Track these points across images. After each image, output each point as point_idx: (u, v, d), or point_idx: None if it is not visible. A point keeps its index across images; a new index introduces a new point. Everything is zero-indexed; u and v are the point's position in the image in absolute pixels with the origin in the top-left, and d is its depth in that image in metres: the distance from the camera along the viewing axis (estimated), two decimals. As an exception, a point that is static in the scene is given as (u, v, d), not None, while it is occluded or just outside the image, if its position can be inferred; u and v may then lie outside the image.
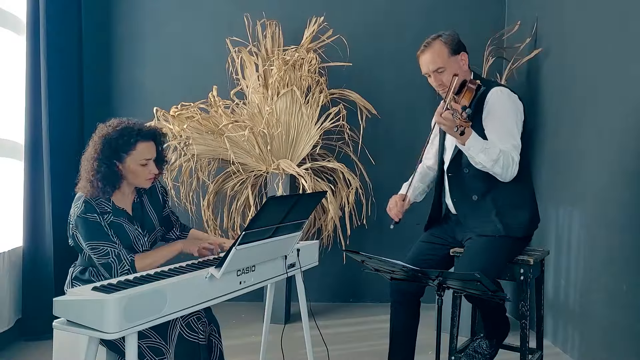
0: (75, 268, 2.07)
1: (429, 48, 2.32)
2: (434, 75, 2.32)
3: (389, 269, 1.91)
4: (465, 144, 2.11)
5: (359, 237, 4.08)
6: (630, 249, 2.60)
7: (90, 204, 1.96)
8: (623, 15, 2.72)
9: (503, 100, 2.24)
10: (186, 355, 1.96)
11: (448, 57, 2.29)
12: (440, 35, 2.32)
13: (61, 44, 3.53)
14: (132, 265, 1.96)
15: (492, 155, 2.12)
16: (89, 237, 1.94)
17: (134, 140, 2.01)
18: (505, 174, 2.18)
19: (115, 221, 2.02)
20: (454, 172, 2.36)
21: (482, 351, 2.46)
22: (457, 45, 2.32)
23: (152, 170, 2.07)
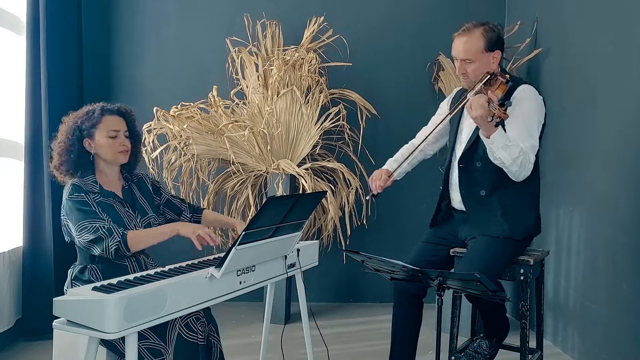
0: (74, 268, 2.06)
1: (467, 34, 2.23)
2: (459, 63, 2.26)
3: (389, 269, 1.91)
4: (490, 137, 2.06)
5: (359, 237, 4.08)
6: (630, 249, 2.60)
7: (77, 186, 1.99)
8: (623, 15, 2.72)
9: (530, 99, 2.19)
10: (185, 355, 1.95)
11: (481, 51, 2.22)
12: (484, 25, 2.23)
13: (61, 44, 3.53)
14: (123, 239, 1.93)
15: (513, 154, 2.08)
16: (78, 218, 1.93)
17: (97, 114, 2.07)
18: (519, 174, 2.15)
19: (104, 201, 2.02)
20: (466, 164, 2.30)
21: (482, 351, 2.46)
22: (495, 42, 2.23)
23: (123, 142, 2.09)
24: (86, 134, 2.05)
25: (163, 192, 2.31)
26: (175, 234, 2.00)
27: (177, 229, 2.00)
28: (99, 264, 2.02)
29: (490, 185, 2.26)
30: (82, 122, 2.06)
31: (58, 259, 3.30)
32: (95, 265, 2.02)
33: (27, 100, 3.25)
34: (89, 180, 2.04)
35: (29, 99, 3.26)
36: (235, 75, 4.00)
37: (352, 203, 3.82)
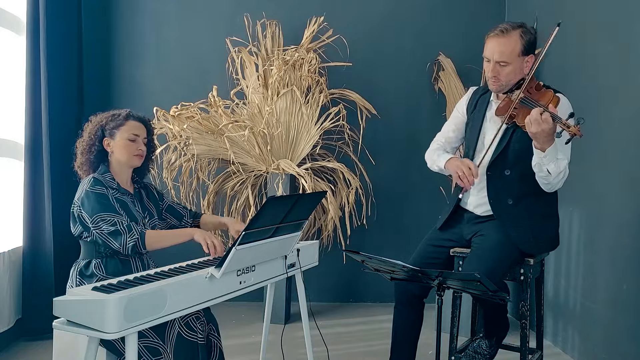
0: (78, 264, 2.07)
1: (504, 36, 2.13)
2: (493, 65, 2.16)
3: (389, 269, 1.91)
4: (544, 151, 2.00)
5: (359, 237, 4.08)
6: (630, 249, 2.60)
7: (97, 180, 2.07)
8: (623, 15, 2.72)
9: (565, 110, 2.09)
10: (185, 354, 1.96)
11: (518, 55, 2.14)
12: (521, 26, 2.15)
13: (61, 44, 3.53)
14: (142, 236, 1.99)
15: (560, 167, 2.04)
16: (97, 210, 1.98)
17: (123, 117, 2.17)
18: (556, 186, 2.13)
19: (121, 198, 2.09)
20: (494, 172, 2.26)
21: (482, 351, 2.46)
22: (531, 46, 2.16)
23: (140, 147, 2.17)
24: (108, 133, 2.15)
25: (165, 198, 2.37)
26: (190, 238, 2.07)
27: (192, 234, 2.07)
28: (103, 258, 2.04)
29: (519, 194, 2.22)
30: (106, 122, 2.16)
31: (58, 259, 3.30)
32: (100, 259, 2.04)
33: (27, 100, 3.25)
34: (107, 177, 2.12)
35: (29, 99, 3.25)
36: (235, 75, 4.00)
37: (352, 203, 3.82)
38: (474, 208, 2.35)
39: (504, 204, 2.24)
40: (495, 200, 2.26)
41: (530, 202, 2.22)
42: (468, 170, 2.18)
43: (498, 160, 2.23)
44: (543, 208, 2.25)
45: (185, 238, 2.07)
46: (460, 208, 2.41)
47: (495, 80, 2.20)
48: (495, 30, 2.17)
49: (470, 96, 2.47)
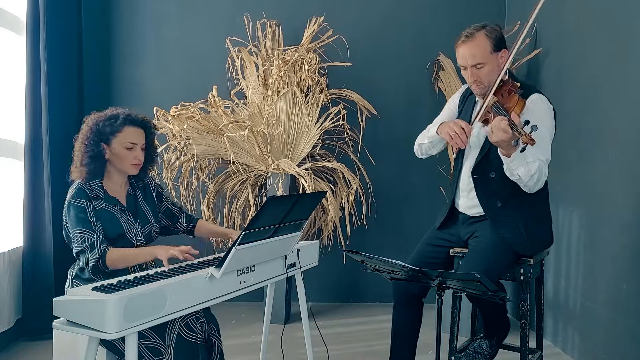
0: (74, 267, 2.06)
1: (471, 40, 2.15)
2: (470, 70, 2.17)
3: (389, 269, 1.91)
4: (510, 156, 2.00)
5: (359, 237, 4.08)
6: (630, 249, 2.60)
7: (82, 190, 2.00)
8: (623, 15, 2.72)
9: (544, 110, 2.12)
10: (185, 355, 1.95)
11: (490, 53, 2.15)
12: (484, 27, 2.16)
13: (61, 44, 3.53)
14: (102, 256, 1.94)
15: (531, 170, 2.02)
16: (74, 224, 1.96)
17: (120, 123, 2.08)
18: (533, 187, 2.10)
19: (106, 209, 2.04)
20: (479, 175, 2.26)
21: (482, 351, 2.46)
22: (500, 41, 2.16)
23: (138, 156, 2.10)
24: (105, 139, 2.06)
25: (165, 199, 2.32)
26: (153, 257, 2.01)
27: (155, 253, 1.99)
28: None
29: (507, 196, 2.22)
30: (103, 125, 2.07)
31: (58, 259, 3.30)
32: None
33: (27, 100, 3.25)
34: (95, 185, 2.05)
35: (29, 99, 3.25)
36: (235, 75, 4.00)
37: (352, 203, 3.82)
38: (465, 210, 2.36)
39: (493, 206, 2.24)
40: (485, 203, 2.27)
41: (519, 203, 2.21)
42: (460, 130, 2.14)
43: (482, 162, 2.24)
44: (533, 208, 2.24)
45: (148, 257, 2.00)
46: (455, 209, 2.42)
47: (477, 84, 2.20)
48: (461, 37, 2.19)
49: (462, 91, 2.50)
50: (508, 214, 2.22)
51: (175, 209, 2.34)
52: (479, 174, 2.26)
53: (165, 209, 2.31)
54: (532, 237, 2.22)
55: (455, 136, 2.14)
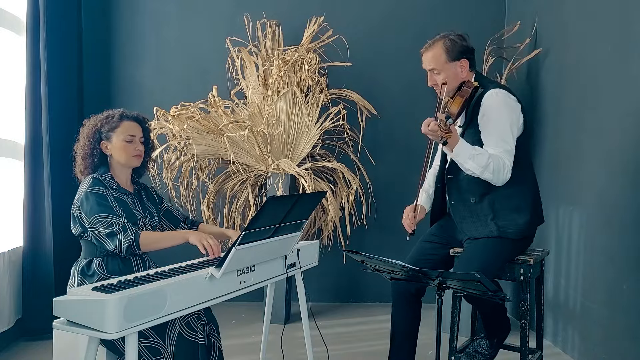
0: (79, 263, 2.07)
1: (430, 49, 2.35)
2: (429, 74, 2.37)
3: (389, 269, 1.91)
4: (452, 152, 2.13)
5: (359, 237, 4.09)
6: (630, 249, 2.60)
7: (97, 179, 2.07)
8: (623, 15, 2.72)
9: (498, 104, 2.23)
10: (186, 354, 1.96)
11: (445, 62, 2.31)
12: (444, 38, 2.33)
13: (61, 44, 3.53)
14: (136, 237, 1.98)
15: (480, 162, 2.13)
16: (95, 211, 1.98)
17: (117, 119, 2.17)
18: (496, 179, 2.18)
19: (120, 197, 2.10)
20: (453, 174, 2.35)
21: (482, 351, 2.46)
22: (459, 51, 2.32)
23: (138, 147, 2.18)
24: (104, 136, 2.15)
25: (164, 202, 2.38)
26: (185, 241, 2.06)
27: (187, 237, 2.05)
28: (105, 257, 2.04)
29: (479, 192, 2.29)
30: (101, 125, 2.16)
31: (58, 259, 3.30)
32: (102, 258, 2.04)
33: (27, 100, 3.25)
34: (107, 177, 2.13)
35: (29, 99, 3.25)
36: (235, 75, 4.00)
37: (352, 203, 3.82)
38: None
39: (467, 203, 2.34)
40: (458, 201, 2.37)
41: (495, 198, 2.28)
42: (405, 215, 2.43)
43: (453, 162, 2.30)
44: (509, 202, 2.28)
45: (180, 240, 2.06)
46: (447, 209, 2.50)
47: (436, 88, 2.37)
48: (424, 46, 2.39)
49: None
50: (481, 208, 2.30)
51: (177, 212, 2.39)
52: (452, 174, 2.36)
53: (166, 211, 2.35)
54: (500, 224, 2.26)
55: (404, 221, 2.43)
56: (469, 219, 2.33)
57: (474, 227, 2.31)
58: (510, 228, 2.26)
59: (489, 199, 2.28)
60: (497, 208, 2.28)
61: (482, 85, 2.28)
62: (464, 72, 2.33)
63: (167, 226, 2.33)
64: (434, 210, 2.54)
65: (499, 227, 2.26)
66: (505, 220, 2.27)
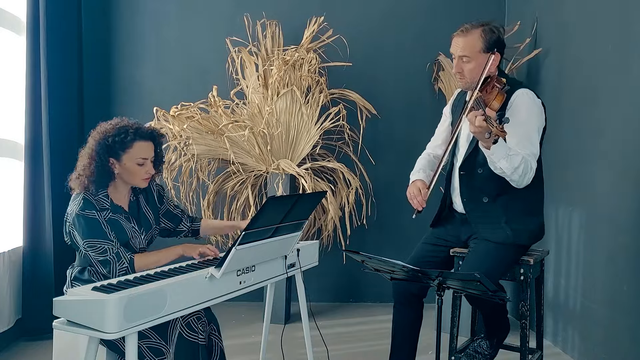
0: (73, 269, 2.06)
1: (466, 34, 2.22)
2: (457, 61, 2.24)
3: (389, 269, 1.91)
4: (490, 149, 2.02)
5: (359, 237, 4.08)
6: (630, 249, 2.60)
7: (89, 201, 1.97)
8: (623, 15, 2.72)
9: (528, 104, 2.16)
10: (186, 355, 1.96)
11: (479, 51, 2.20)
12: (483, 25, 2.21)
13: (61, 43, 3.53)
14: (131, 264, 1.96)
15: (514, 163, 2.05)
16: (87, 235, 1.94)
17: (130, 138, 2.03)
18: (521, 182, 2.11)
19: (112, 218, 2.03)
20: (467, 171, 2.28)
21: (482, 351, 2.46)
22: (495, 43, 2.21)
23: (149, 170, 2.08)
24: (114, 154, 2.02)
25: (165, 201, 2.31)
26: (178, 256, 2.06)
27: (179, 252, 2.05)
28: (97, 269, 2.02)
29: (494, 192, 2.23)
30: (113, 141, 2.02)
31: (58, 259, 3.30)
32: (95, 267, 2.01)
33: (27, 100, 3.25)
34: (101, 195, 2.02)
35: (29, 99, 3.25)
36: (235, 75, 4.00)
37: (352, 203, 3.82)
38: (460, 208, 2.36)
39: (479, 202, 2.26)
40: (469, 199, 2.29)
41: (509, 199, 2.23)
42: (417, 191, 2.28)
43: (470, 159, 2.25)
44: (523, 203, 2.24)
45: (173, 256, 2.05)
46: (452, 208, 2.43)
47: (460, 77, 2.26)
48: (459, 29, 2.26)
49: (454, 98, 2.53)
50: (493, 209, 2.24)
51: (177, 210, 2.33)
52: (467, 171, 2.28)
53: (166, 210, 2.30)
54: (515, 228, 2.21)
55: (413, 197, 2.29)
56: (481, 219, 2.27)
57: (487, 227, 2.24)
58: (524, 234, 2.22)
59: (503, 201, 2.23)
60: (510, 211, 2.22)
61: (509, 83, 2.19)
62: (493, 67, 2.21)
63: (167, 227, 2.31)
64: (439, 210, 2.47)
65: (514, 232, 2.20)
66: (519, 224, 2.22)
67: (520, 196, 2.22)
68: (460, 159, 2.32)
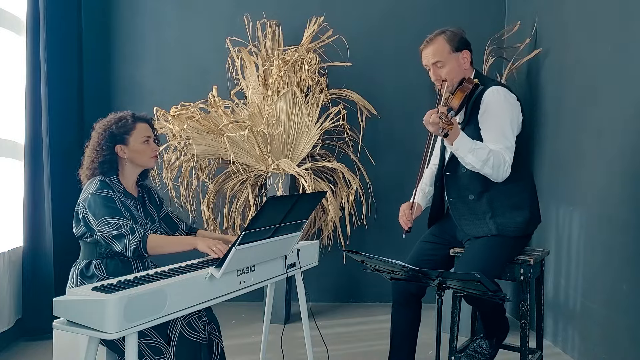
0: (78, 264, 2.07)
1: (431, 43, 2.35)
2: (432, 69, 2.35)
3: (389, 269, 1.91)
4: (453, 145, 2.13)
5: (359, 237, 4.09)
6: (630, 249, 2.61)
7: (104, 182, 2.06)
8: (623, 15, 2.72)
9: (498, 100, 2.24)
10: (187, 354, 1.96)
11: (449, 53, 2.31)
12: (444, 32, 2.34)
13: (61, 44, 3.53)
14: (144, 240, 1.99)
15: (481, 156, 2.13)
16: (103, 213, 1.98)
17: (132, 121, 2.17)
18: (496, 175, 2.18)
19: (126, 202, 2.10)
20: (452, 171, 2.35)
21: (482, 351, 2.46)
22: (460, 42, 2.34)
23: (154, 148, 2.20)
24: (119, 140, 2.14)
25: (164, 206, 2.38)
26: (192, 247, 2.07)
27: (195, 244, 2.07)
28: (104, 259, 2.04)
29: (478, 189, 2.29)
30: (117, 127, 2.14)
31: (58, 259, 3.30)
32: (101, 260, 2.04)
33: (27, 100, 3.25)
34: (114, 180, 2.13)
35: (29, 99, 3.25)
36: (235, 75, 4.00)
37: (352, 203, 3.82)
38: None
39: (466, 200, 2.33)
40: (456, 198, 2.36)
41: (494, 196, 2.28)
42: (402, 212, 2.42)
43: (454, 159, 2.30)
44: (508, 199, 2.28)
45: (187, 247, 2.07)
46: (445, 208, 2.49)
47: (439, 83, 2.35)
48: (424, 42, 2.38)
49: None
50: (479, 206, 2.30)
51: (176, 218, 2.39)
52: (451, 171, 2.36)
53: (165, 214, 2.35)
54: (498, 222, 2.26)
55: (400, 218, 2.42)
56: (468, 217, 2.33)
57: (472, 225, 2.31)
58: (509, 226, 2.26)
59: (488, 197, 2.28)
60: (496, 206, 2.28)
61: (482, 83, 2.30)
62: (466, 64, 2.34)
63: (165, 231, 2.32)
64: (432, 210, 2.53)
65: (497, 225, 2.26)
66: (504, 218, 2.27)
67: (505, 191, 2.27)
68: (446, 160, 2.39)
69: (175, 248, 2.05)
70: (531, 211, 2.32)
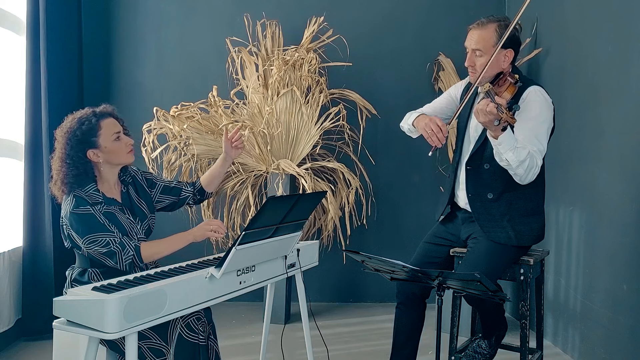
0: (73, 270, 2.05)
1: (481, 28, 2.22)
2: (470, 54, 2.23)
3: (389, 269, 1.91)
4: (497, 138, 2.01)
5: (359, 237, 4.08)
6: (630, 249, 2.60)
7: (80, 198, 1.94)
8: (623, 15, 2.72)
9: (541, 102, 2.16)
10: (186, 355, 1.95)
11: (493, 46, 2.18)
12: (499, 21, 2.21)
13: (61, 44, 3.53)
14: (137, 251, 1.94)
15: (520, 156, 2.03)
16: (86, 231, 1.91)
17: (95, 121, 2.01)
18: (525, 177, 2.10)
19: (107, 210, 2.00)
20: (474, 166, 2.27)
21: (482, 351, 2.46)
22: (509, 39, 2.18)
23: (127, 142, 2.07)
24: (88, 144, 1.98)
25: (157, 181, 2.26)
26: (189, 242, 2.03)
27: (191, 237, 2.02)
28: (99, 267, 2.00)
29: (499, 188, 2.22)
30: (81, 132, 1.98)
31: (58, 259, 3.30)
32: (96, 268, 2.00)
33: (27, 100, 3.25)
34: (91, 190, 1.99)
35: (29, 99, 3.26)
36: (235, 75, 4.00)
37: (352, 203, 3.82)
38: (465, 205, 2.35)
39: (483, 198, 2.25)
40: (475, 195, 2.27)
41: (513, 198, 2.23)
42: (437, 128, 2.18)
43: (478, 153, 2.25)
44: (526, 204, 2.24)
45: (184, 243, 2.02)
46: (454, 205, 2.41)
47: (471, 71, 2.26)
48: (475, 22, 2.25)
49: (466, 83, 2.48)
50: (497, 207, 2.23)
51: (173, 182, 2.30)
52: (473, 165, 2.27)
53: (163, 187, 2.25)
54: (517, 229, 2.21)
55: (432, 134, 2.19)
56: (484, 216, 2.25)
57: (490, 224, 2.24)
58: (526, 234, 2.22)
59: (508, 198, 2.22)
60: (514, 209, 2.22)
61: (522, 80, 2.18)
62: (506, 63, 2.22)
63: (169, 201, 2.26)
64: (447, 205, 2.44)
65: (516, 234, 2.20)
66: (521, 225, 2.22)
67: (524, 195, 2.22)
68: (468, 153, 2.31)
69: (171, 249, 2.01)
70: (543, 218, 2.30)
